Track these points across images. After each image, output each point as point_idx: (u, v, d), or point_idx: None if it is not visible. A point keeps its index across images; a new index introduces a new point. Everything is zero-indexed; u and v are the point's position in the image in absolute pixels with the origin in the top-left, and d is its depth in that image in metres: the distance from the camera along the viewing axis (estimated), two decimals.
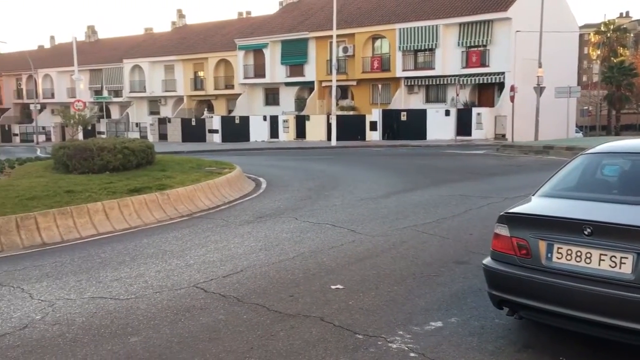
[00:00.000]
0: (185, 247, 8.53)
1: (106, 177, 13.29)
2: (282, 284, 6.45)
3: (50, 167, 15.41)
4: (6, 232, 9.29)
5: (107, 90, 51.36)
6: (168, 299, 6.07)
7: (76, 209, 10.19)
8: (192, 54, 46.20)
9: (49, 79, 56.41)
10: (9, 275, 7.24)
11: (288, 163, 22.08)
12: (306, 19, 41.09)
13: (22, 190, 11.49)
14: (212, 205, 12.24)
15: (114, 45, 55.57)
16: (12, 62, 60.52)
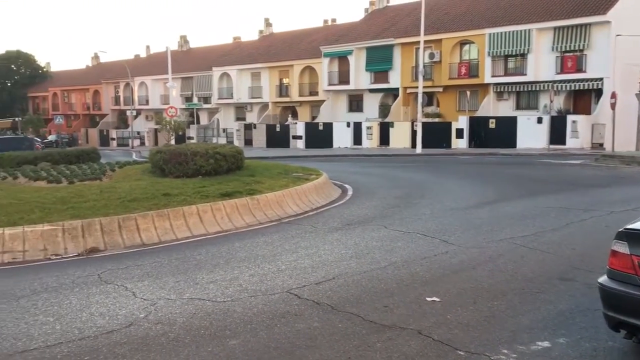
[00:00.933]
0: (276, 252, 8.62)
1: (199, 181, 13.75)
2: (376, 293, 6.35)
3: (147, 171, 16.14)
4: (109, 231, 9.80)
5: (197, 97, 53.37)
6: (263, 303, 6.13)
7: (172, 212, 10.59)
8: (278, 61, 47.15)
9: (144, 87, 59.42)
10: (113, 274, 7.60)
11: (372, 170, 21.95)
12: (392, 25, 40.86)
13: (123, 192, 12.08)
14: (299, 211, 12.34)
15: (204, 54, 57.74)
16: (112, 71, 64.31)
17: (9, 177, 15.18)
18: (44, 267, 8.43)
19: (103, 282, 7.20)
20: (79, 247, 9.35)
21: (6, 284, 7.28)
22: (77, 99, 68.40)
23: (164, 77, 51.31)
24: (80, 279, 7.41)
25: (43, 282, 7.29)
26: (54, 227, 9.45)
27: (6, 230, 9.19)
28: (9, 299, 6.58)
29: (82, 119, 67.06)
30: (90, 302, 6.35)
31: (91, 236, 9.59)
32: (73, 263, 8.57)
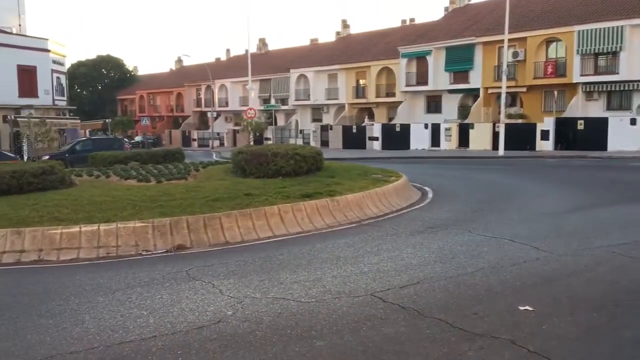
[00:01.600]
0: (358, 254, 8.56)
1: (280, 181, 13.91)
2: (464, 299, 6.15)
3: (230, 171, 16.52)
4: (195, 230, 10.09)
5: (274, 98, 54.30)
6: (347, 305, 6.08)
7: (255, 212, 10.77)
8: (354, 62, 47.13)
9: (224, 89, 61.13)
10: (200, 271, 7.80)
11: (452, 172, 21.45)
12: (473, 24, 39.83)
13: (208, 192, 12.42)
14: (380, 213, 12.21)
15: (281, 56, 58.68)
16: (194, 74, 66.62)
17: (102, 175, 15.97)
18: (136, 262, 8.79)
19: (191, 278, 7.40)
20: (167, 243, 9.69)
21: (103, 278, 7.64)
22: (162, 101, 71.41)
23: (243, 80, 52.56)
24: (170, 274, 7.66)
25: (136, 277, 7.59)
26: (145, 224, 9.85)
27: (101, 226, 9.67)
28: (106, 292, 6.90)
29: (165, 121, 69.94)
30: (180, 298, 6.54)
31: (178, 234, 9.91)
32: (162, 259, 8.88)
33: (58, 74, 41.61)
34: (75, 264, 8.85)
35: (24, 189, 12.85)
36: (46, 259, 9.12)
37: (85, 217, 10.10)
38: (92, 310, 6.20)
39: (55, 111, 39.43)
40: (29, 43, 38.60)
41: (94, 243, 9.46)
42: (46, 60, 39.33)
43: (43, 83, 38.85)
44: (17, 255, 9.23)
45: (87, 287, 7.20)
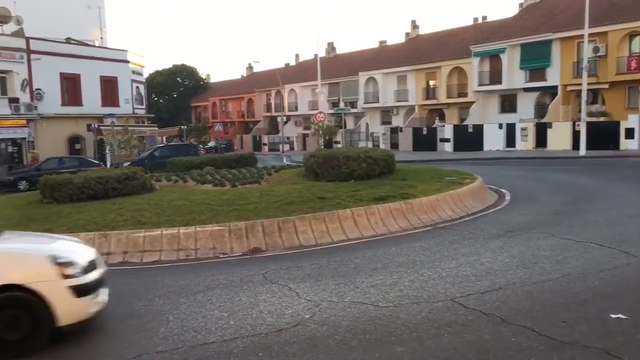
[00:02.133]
0: (435, 258, 8.39)
1: (352, 184, 13.88)
2: (550, 307, 5.88)
3: (301, 175, 16.65)
4: (270, 233, 10.23)
5: (343, 102, 54.40)
6: (427, 311, 5.96)
7: (328, 215, 10.79)
8: (424, 63, 46.45)
9: (294, 93, 61.88)
10: (276, 274, 7.89)
11: (530, 173, 20.68)
12: (549, 20, 38.29)
13: (281, 195, 12.56)
14: (455, 216, 11.94)
15: (350, 59, 58.72)
16: (264, 80, 67.87)
17: (180, 180, 16.50)
18: (214, 264, 9.01)
19: (268, 281, 7.49)
20: (243, 247, 9.87)
21: (184, 280, 7.88)
22: (233, 107, 73.17)
23: (312, 84, 52.97)
24: (247, 277, 7.79)
25: (214, 279, 7.78)
26: (222, 227, 10.09)
27: (181, 229, 9.98)
28: (187, 293, 7.10)
29: (237, 126, 71.58)
30: (258, 300, 6.63)
31: (254, 237, 10.08)
32: (239, 262, 9.05)
33: (137, 83, 43.52)
34: (158, 266, 9.18)
35: (109, 194, 13.47)
36: (130, 260, 9.52)
37: (166, 221, 10.46)
38: (175, 311, 6.40)
39: (135, 119, 41.25)
40: (110, 55, 40.62)
41: (174, 246, 9.78)
42: (126, 71, 41.25)
43: (123, 92, 40.74)
44: (104, 257, 9.66)
45: (169, 288, 7.44)
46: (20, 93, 33.31)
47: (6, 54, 32.56)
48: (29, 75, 33.84)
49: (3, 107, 32.19)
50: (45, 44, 35.30)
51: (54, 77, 35.35)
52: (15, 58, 33.06)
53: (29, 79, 33.79)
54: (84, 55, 37.99)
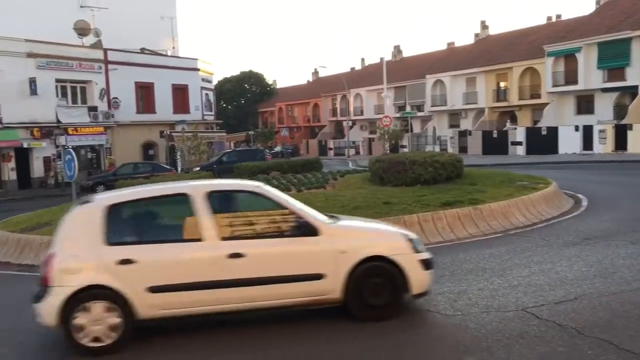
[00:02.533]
0: (505, 266, 8.10)
1: (418, 189, 13.66)
2: (630, 318, 5.55)
3: (367, 179, 16.58)
4: None
5: (409, 105, 53.81)
6: (497, 320, 5.75)
7: (394, 220, 10.61)
8: (494, 64, 45.22)
9: (359, 98, 61.80)
10: None
11: (609, 178, 19.66)
12: (628, 17, 36.38)
13: (347, 200, 12.53)
14: (527, 222, 11.50)
15: (416, 62, 58.07)
16: (329, 85, 68.21)
17: None
18: None
19: None
20: None
21: None
22: (299, 112, 73.96)
23: (378, 88, 52.74)
24: None
25: None
26: None
27: None
28: None
29: (303, 131, 72.28)
30: None
31: None
32: None
33: (207, 90, 44.80)
34: None
35: None
36: None
37: None
38: None
39: (204, 125, 42.47)
40: (181, 64, 42.04)
41: None
42: (196, 79, 42.56)
43: (194, 100, 42.04)
44: None
45: None
46: (99, 102, 35.02)
47: (86, 64, 34.34)
48: (107, 84, 35.52)
49: (83, 115, 33.94)
50: (121, 54, 36.98)
51: (129, 86, 36.96)
52: (94, 69, 34.80)
53: (106, 88, 35.47)
54: (157, 65, 39.51)
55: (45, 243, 11.17)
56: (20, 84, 30.56)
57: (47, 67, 32.06)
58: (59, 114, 32.64)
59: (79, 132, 33.46)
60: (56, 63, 32.67)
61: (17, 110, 30.17)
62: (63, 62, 33.05)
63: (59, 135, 32.39)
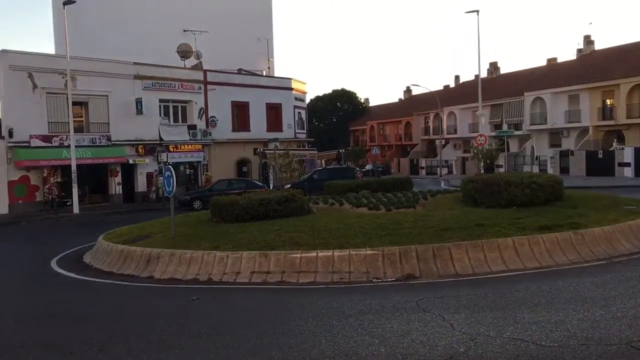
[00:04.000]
0: (609, 295, 7.54)
1: (513, 212, 13.09)
2: None
3: (459, 200, 16.12)
4: (424, 259, 9.99)
5: (506, 124, 52.02)
6: (597, 354, 5.35)
7: (487, 243, 10.27)
8: (600, 81, 42.76)
9: (453, 116, 60.59)
10: (429, 302, 7.64)
11: None
12: None
13: (437, 221, 12.23)
14: (634, 250, 10.68)
15: (514, 79, 56.17)
16: (422, 103, 67.49)
17: (336, 203, 16.87)
18: (367, 289, 9.00)
19: (421, 309, 7.28)
20: (396, 272, 9.75)
21: (337, 302, 7.96)
22: (391, 131, 73.64)
23: (472, 106, 51.50)
24: (399, 304, 7.64)
25: (367, 304, 7.74)
26: (375, 251, 10.07)
27: (335, 252, 10.15)
28: (340, 316, 7.15)
29: (394, 149, 71.81)
30: (410, 329, 6.45)
31: (407, 263, 9.91)
32: (392, 287, 8.94)
33: (299, 109, 45.75)
34: (313, 287, 9.40)
35: (270, 216, 14.18)
36: (288, 280, 9.87)
37: (321, 243, 10.71)
38: (328, 333, 6.46)
39: (296, 143, 43.30)
40: (275, 83, 43.28)
41: (328, 268, 9.96)
42: (290, 98, 43.62)
43: (287, 118, 43.07)
44: (263, 276, 10.16)
45: (323, 310, 7.55)
46: (197, 120, 36.73)
47: (187, 85, 36.20)
48: (205, 104, 37.21)
49: (183, 133, 35.73)
50: (219, 75, 38.67)
51: (226, 105, 38.51)
52: (194, 89, 36.62)
53: (205, 107, 37.16)
54: (253, 85, 40.92)
55: (146, 255, 11.82)
56: (128, 104, 32.72)
57: (152, 88, 34.13)
58: (162, 132, 34.56)
59: (179, 150, 35.24)
60: (160, 84, 34.71)
61: (124, 129, 32.31)
62: (166, 83, 35.06)
63: (161, 152, 34.28)
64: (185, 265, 11.06)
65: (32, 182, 29.20)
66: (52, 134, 29.51)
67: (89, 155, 30.09)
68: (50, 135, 29.38)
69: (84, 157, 29.49)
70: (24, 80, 28.51)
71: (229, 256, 10.71)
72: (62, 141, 29.24)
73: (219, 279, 10.38)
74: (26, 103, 28.50)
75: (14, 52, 29.17)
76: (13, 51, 29.13)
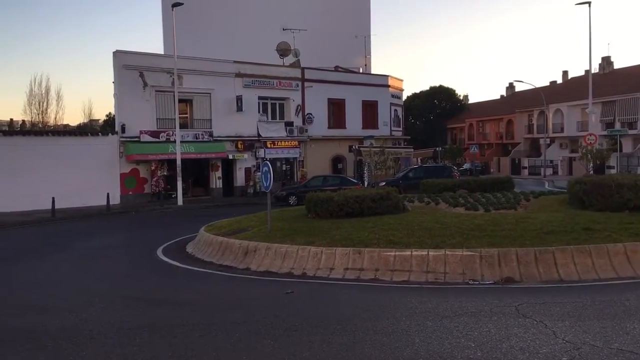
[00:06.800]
0: None
1: (626, 216, 12.18)
2: None
3: (564, 202, 15.27)
4: (525, 263, 9.55)
5: (619, 122, 48.60)
6: None
7: (595, 249, 9.66)
8: None
9: (559, 113, 57.45)
10: (530, 308, 7.29)
11: None
12: None
13: (540, 224, 11.65)
14: None
15: (629, 75, 52.35)
16: (525, 100, 64.50)
17: (432, 202, 16.55)
18: (463, 290, 8.75)
19: (520, 315, 6.97)
20: (494, 275, 9.41)
21: (431, 303, 7.80)
22: (491, 129, 71.13)
23: (581, 103, 48.61)
24: (497, 308, 7.36)
25: (463, 306, 7.52)
26: (472, 253, 9.77)
27: (430, 252, 9.95)
28: (434, 317, 6.99)
29: (494, 148, 69.32)
30: (509, 334, 6.19)
31: (507, 265, 9.54)
32: (489, 290, 8.63)
33: (395, 106, 45.35)
34: (406, 286, 9.28)
35: (364, 213, 14.16)
36: (381, 278, 9.81)
37: (416, 242, 10.55)
38: (422, 333, 6.34)
39: (391, 141, 42.99)
40: (372, 80, 43.17)
41: (423, 267, 9.80)
42: (386, 95, 43.34)
43: (382, 115, 42.83)
44: (357, 273, 10.17)
45: (417, 310, 7.43)
46: (294, 117, 37.44)
47: (285, 83, 36.99)
48: (302, 101, 37.84)
49: (280, 130, 36.57)
50: (317, 72, 39.16)
51: (322, 103, 38.93)
52: (292, 86, 37.34)
53: (302, 104, 37.79)
54: (349, 82, 41.05)
55: (244, 247, 12.22)
56: (228, 102, 33.98)
57: (251, 85, 35.21)
58: (260, 128, 35.57)
59: (276, 146, 36.12)
60: (259, 82, 35.73)
61: (225, 125, 33.61)
62: (265, 81, 36.03)
63: (259, 148, 35.30)
64: (280, 259, 11.31)
65: (141, 174, 31.14)
66: (160, 129, 31.28)
67: (192, 150, 31.60)
68: (157, 131, 31.15)
69: (188, 152, 31.01)
70: (135, 79, 30.44)
71: (323, 252, 10.82)
72: (169, 136, 30.91)
73: (312, 274, 10.51)
74: (137, 100, 30.42)
75: (127, 52, 31.19)
76: (125, 51, 31.16)
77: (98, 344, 6.53)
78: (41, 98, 56.00)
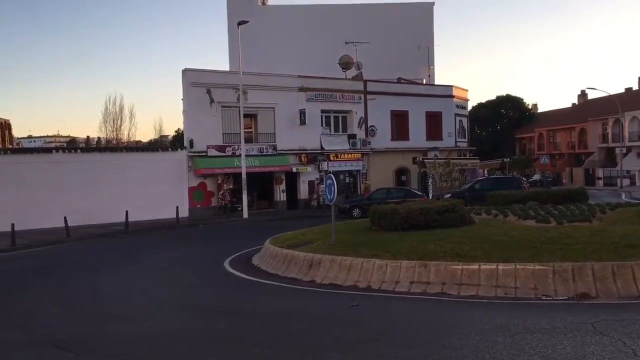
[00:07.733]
0: None
1: None
2: None
3: None
4: (602, 278, 9.11)
5: None
6: None
7: None
8: None
9: (636, 121, 54.69)
10: (607, 325, 6.94)
11: None
12: None
13: (617, 237, 11.10)
14: None
15: None
16: (599, 107, 61.70)
17: (500, 214, 16.09)
18: (535, 306, 8.44)
19: (598, 332, 6.63)
20: (569, 290, 9.02)
21: (501, 318, 7.55)
22: (562, 138, 68.50)
23: None
24: (572, 324, 7.04)
25: (535, 322, 7.24)
26: (545, 267, 9.41)
27: (500, 265, 9.66)
28: (505, 333, 6.76)
29: (566, 158, 66.69)
30: (585, 352, 5.90)
31: (582, 281, 9.13)
32: (563, 306, 8.29)
33: (460, 117, 44.51)
34: (474, 300, 9.04)
35: (430, 225, 13.94)
36: (448, 292, 9.60)
37: (484, 256, 10.27)
38: (492, 349, 6.14)
39: (457, 152, 42.17)
40: (436, 91, 42.59)
41: (492, 282, 9.52)
42: (450, 106, 42.62)
43: (447, 126, 42.12)
44: (423, 286, 10.00)
45: (486, 325, 7.21)
46: (357, 130, 37.43)
47: (348, 96, 37.10)
48: (365, 113, 37.80)
49: (343, 142, 36.63)
50: (379, 85, 39.06)
51: (385, 115, 38.73)
52: (354, 99, 37.40)
53: (364, 117, 37.76)
54: (412, 93, 40.66)
55: (308, 260, 12.28)
56: (292, 115, 34.41)
57: (314, 99, 35.53)
58: (323, 141, 35.77)
59: (339, 159, 36.20)
60: (322, 95, 35.99)
61: (288, 139, 34.04)
62: (328, 94, 36.25)
63: (322, 161, 35.48)
64: (345, 271, 11.28)
65: (208, 188, 31.96)
66: (226, 144, 32.04)
67: (257, 164, 32.16)
68: (224, 146, 31.92)
69: (252, 165, 31.58)
70: (202, 95, 31.37)
71: (388, 264, 10.71)
72: (234, 151, 31.60)
73: (377, 287, 10.42)
74: (204, 116, 31.31)
75: (195, 70, 32.22)
76: (193, 69, 32.19)
77: (171, 353, 6.72)
78: (115, 116, 58.79)
